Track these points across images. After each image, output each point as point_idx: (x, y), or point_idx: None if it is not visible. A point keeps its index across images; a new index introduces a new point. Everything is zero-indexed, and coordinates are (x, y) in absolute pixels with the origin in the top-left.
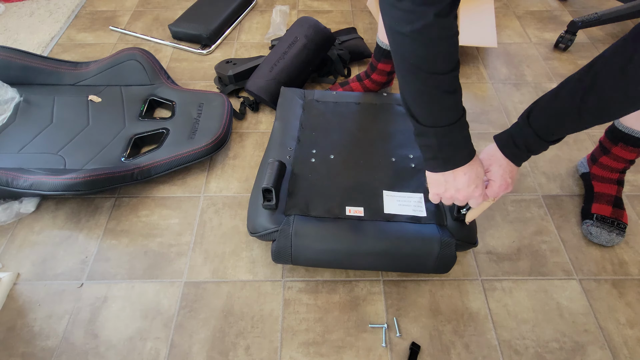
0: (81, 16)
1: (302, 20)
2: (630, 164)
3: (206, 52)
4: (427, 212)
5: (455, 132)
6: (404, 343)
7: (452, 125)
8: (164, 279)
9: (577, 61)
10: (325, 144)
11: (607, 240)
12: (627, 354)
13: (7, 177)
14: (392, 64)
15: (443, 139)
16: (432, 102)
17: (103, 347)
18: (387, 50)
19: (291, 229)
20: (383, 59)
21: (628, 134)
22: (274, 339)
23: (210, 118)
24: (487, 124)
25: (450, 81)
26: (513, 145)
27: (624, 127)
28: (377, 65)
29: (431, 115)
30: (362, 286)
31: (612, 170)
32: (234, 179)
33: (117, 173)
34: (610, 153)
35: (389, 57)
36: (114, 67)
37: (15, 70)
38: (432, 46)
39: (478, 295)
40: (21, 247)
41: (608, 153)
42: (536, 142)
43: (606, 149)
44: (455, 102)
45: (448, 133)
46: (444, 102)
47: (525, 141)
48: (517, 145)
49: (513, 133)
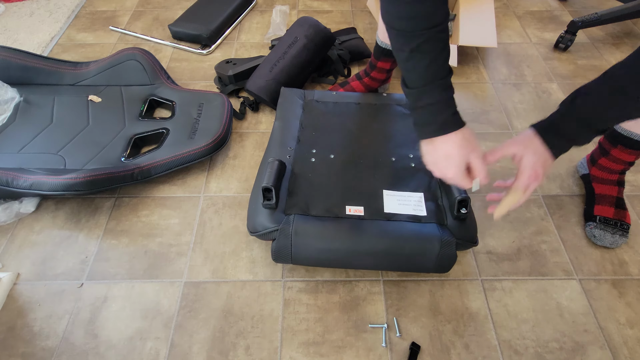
0: (81, 16)
1: (302, 20)
2: (629, 165)
3: (206, 52)
4: (427, 212)
5: (433, 92)
6: (404, 343)
7: (430, 85)
8: (164, 279)
9: (577, 61)
10: (325, 143)
11: (611, 243)
12: (627, 354)
13: (7, 177)
14: (391, 61)
15: (419, 100)
16: (409, 61)
17: (103, 347)
18: (386, 49)
19: (291, 228)
20: (383, 57)
21: (627, 137)
22: (274, 339)
23: (210, 118)
24: (487, 124)
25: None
26: (555, 132)
27: (623, 129)
28: (376, 64)
29: (410, 75)
30: (362, 286)
31: (611, 172)
32: (234, 179)
33: (117, 173)
34: (609, 155)
35: (389, 55)
36: (114, 67)
37: (15, 70)
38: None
39: (478, 295)
40: (21, 247)
41: (607, 155)
42: (581, 131)
43: (605, 150)
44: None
45: (425, 93)
46: (421, 62)
47: (569, 128)
48: (560, 132)
49: (555, 120)
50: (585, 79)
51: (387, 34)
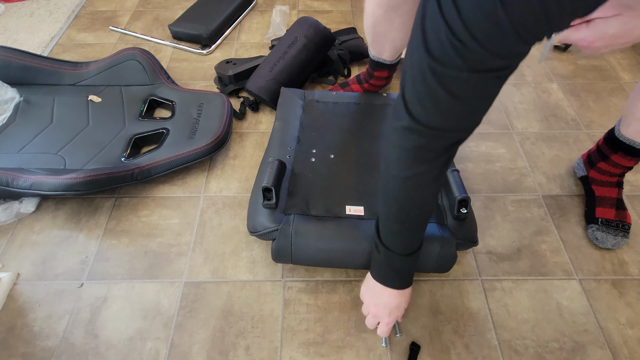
0: (81, 16)
1: (302, 20)
2: (628, 169)
3: (206, 52)
4: None
5: (397, 259)
6: (404, 343)
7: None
8: (164, 279)
9: (577, 61)
10: (325, 143)
11: (613, 244)
12: (627, 354)
13: (7, 177)
14: (387, 70)
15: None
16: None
17: (103, 347)
18: (379, 62)
19: (291, 228)
20: (378, 68)
21: (629, 145)
22: (274, 339)
23: (210, 118)
24: (487, 124)
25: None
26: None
27: (624, 137)
28: (374, 73)
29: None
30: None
31: (611, 175)
32: (234, 179)
33: (117, 173)
34: (609, 160)
35: (383, 67)
36: (114, 67)
37: (15, 70)
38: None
39: (478, 295)
40: (21, 247)
41: (607, 159)
42: None
43: (605, 155)
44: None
45: (390, 258)
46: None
47: None
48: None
49: None
50: (585, 79)
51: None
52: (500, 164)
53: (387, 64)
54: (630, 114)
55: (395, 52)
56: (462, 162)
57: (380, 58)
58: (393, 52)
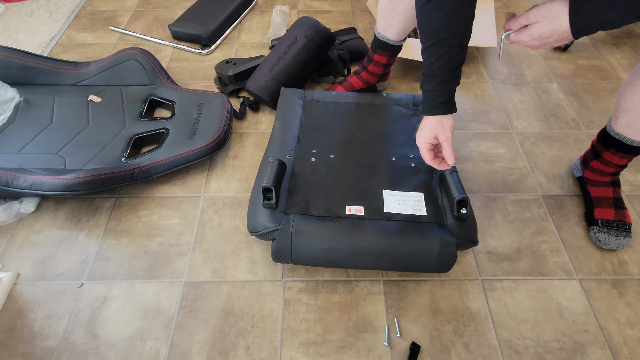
0: (81, 16)
1: (302, 20)
2: (621, 168)
3: (206, 52)
4: (427, 212)
5: (432, 82)
6: (404, 343)
7: (430, 77)
8: (164, 279)
9: (577, 61)
10: (325, 143)
11: (617, 245)
12: (627, 354)
13: (7, 177)
14: (387, 55)
15: (423, 84)
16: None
17: (103, 347)
18: (383, 41)
19: (291, 227)
20: (379, 50)
21: (618, 140)
22: (274, 339)
23: (210, 118)
24: (487, 124)
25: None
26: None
27: (615, 132)
28: (373, 57)
29: (424, 64)
30: (362, 286)
31: (603, 174)
32: (234, 179)
33: (117, 173)
34: (601, 157)
35: (385, 48)
36: (114, 67)
37: (15, 70)
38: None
39: (478, 295)
40: (21, 247)
41: (599, 157)
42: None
43: (597, 153)
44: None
45: (426, 82)
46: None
47: None
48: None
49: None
50: (585, 78)
51: (386, 27)
52: (500, 164)
53: (390, 45)
54: (618, 105)
55: (403, 29)
56: (462, 162)
57: (385, 36)
58: (400, 29)
